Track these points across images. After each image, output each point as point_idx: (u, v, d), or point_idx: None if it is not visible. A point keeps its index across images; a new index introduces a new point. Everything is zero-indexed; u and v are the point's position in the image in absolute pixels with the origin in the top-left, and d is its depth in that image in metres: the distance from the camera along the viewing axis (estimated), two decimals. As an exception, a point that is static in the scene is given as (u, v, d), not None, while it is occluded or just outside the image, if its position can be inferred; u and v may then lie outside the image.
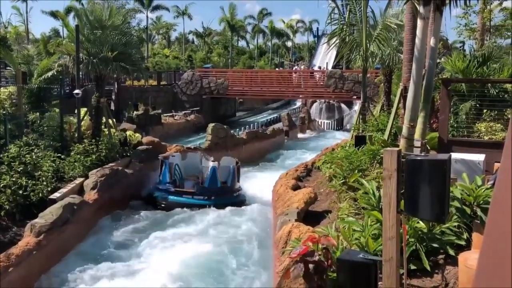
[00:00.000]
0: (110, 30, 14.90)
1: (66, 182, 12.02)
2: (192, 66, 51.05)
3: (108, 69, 14.65)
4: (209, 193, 13.43)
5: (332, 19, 14.01)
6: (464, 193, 5.80)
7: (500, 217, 1.15)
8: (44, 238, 9.06)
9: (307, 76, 37.10)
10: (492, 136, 9.84)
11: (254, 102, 45.71)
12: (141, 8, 52.18)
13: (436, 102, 11.19)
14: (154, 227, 11.78)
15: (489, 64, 11.75)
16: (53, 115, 14.83)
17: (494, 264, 0.90)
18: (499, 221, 1.12)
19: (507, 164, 1.74)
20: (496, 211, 1.22)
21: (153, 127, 26.20)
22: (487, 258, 0.94)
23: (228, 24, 60.92)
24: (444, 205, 3.67)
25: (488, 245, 1.01)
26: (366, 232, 5.50)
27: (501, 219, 1.13)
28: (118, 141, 15.07)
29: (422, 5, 6.85)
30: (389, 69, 16.18)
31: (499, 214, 1.17)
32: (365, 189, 6.57)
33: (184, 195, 13.44)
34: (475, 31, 21.60)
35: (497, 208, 1.26)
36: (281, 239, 7.48)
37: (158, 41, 72.73)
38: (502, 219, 1.13)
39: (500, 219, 1.13)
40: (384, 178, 3.89)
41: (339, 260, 4.33)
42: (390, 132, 10.82)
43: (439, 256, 5.43)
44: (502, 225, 1.09)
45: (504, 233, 1.04)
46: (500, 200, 1.31)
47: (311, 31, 70.27)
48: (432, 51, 7.25)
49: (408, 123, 7.24)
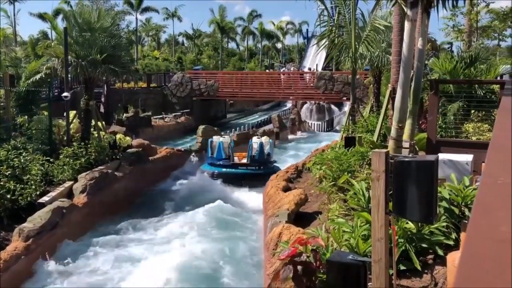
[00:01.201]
0: (99, 32, 14.82)
1: (55, 185, 11.92)
2: (182, 68, 50.91)
3: (97, 72, 14.57)
4: (259, 163, 16.77)
5: (321, 21, 14.09)
6: (452, 193, 5.86)
7: (482, 218, 1.16)
8: (33, 243, 8.98)
9: (297, 78, 37.14)
10: (480, 137, 9.95)
11: (244, 104, 45.68)
12: (130, 10, 51.88)
13: (424, 103, 11.29)
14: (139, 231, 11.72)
15: (476, 65, 11.89)
16: (42, 118, 14.71)
17: (474, 265, 0.91)
18: (481, 221, 1.14)
19: (491, 166, 1.77)
20: (479, 212, 1.24)
21: (143, 129, 26.07)
22: (468, 259, 0.95)
23: (218, 26, 60.88)
24: (432, 206, 3.70)
25: (469, 246, 1.02)
26: (356, 233, 5.53)
27: (483, 219, 1.15)
28: (108, 144, 14.99)
29: (409, 8, 6.91)
30: (378, 71, 16.28)
31: (481, 215, 1.19)
32: (355, 190, 6.60)
33: (240, 167, 16.88)
34: (462, 32, 21.84)
35: (479, 209, 1.27)
36: (271, 241, 7.50)
37: (148, 43, 72.49)
38: (484, 219, 1.15)
39: (482, 219, 1.15)
40: (372, 179, 3.92)
41: (328, 261, 4.35)
42: (379, 133, 10.88)
43: (428, 256, 5.48)
44: (483, 226, 1.11)
45: (486, 234, 1.06)
46: (482, 202, 1.33)
47: (301, 33, 70.41)
48: (419, 53, 7.31)
49: (396, 124, 7.29)
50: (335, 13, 14.34)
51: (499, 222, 1.06)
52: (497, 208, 1.19)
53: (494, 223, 1.08)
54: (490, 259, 0.91)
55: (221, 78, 36.85)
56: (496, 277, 0.84)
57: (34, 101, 15.90)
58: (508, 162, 1.69)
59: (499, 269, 0.86)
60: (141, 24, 62.85)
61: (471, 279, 0.86)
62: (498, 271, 0.85)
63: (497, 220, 1.08)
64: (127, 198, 14.05)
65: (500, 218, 1.08)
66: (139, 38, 60.91)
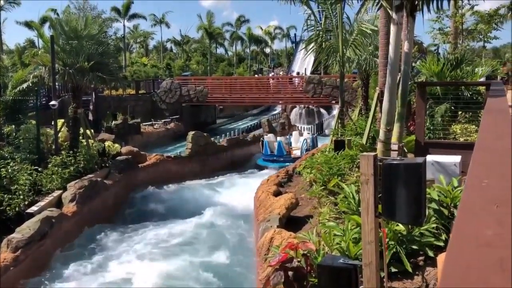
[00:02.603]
0: (86, 40, 14.75)
1: (43, 195, 11.80)
2: (171, 74, 50.79)
3: (85, 79, 14.48)
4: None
5: (308, 25, 14.14)
6: (441, 194, 5.89)
7: (466, 220, 1.17)
8: (22, 253, 8.86)
9: (286, 82, 37.26)
10: (467, 138, 10.04)
11: (234, 109, 45.66)
12: (117, 17, 51.74)
13: (412, 105, 11.38)
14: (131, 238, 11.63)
15: (463, 67, 12.02)
16: (29, 127, 14.56)
17: (458, 268, 0.92)
18: (465, 224, 1.14)
19: (475, 168, 1.78)
20: (463, 214, 1.25)
21: (132, 136, 25.93)
22: (451, 262, 0.95)
23: (206, 32, 60.87)
24: (420, 208, 3.72)
25: (453, 249, 1.03)
26: (347, 237, 5.53)
27: (467, 222, 1.16)
28: (97, 152, 14.88)
29: (394, 11, 6.96)
30: (366, 74, 16.37)
31: (465, 218, 1.20)
32: (345, 194, 6.62)
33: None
34: (448, 34, 22.07)
35: (464, 212, 1.28)
36: (263, 246, 7.47)
37: (136, 49, 72.24)
38: (468, 222, 1.16)
39: (466, 222, 1.16)
40: (361, 183, 3.93)
41: (319, 265, 4.34)
42: (368, 136, 10.93)
43: (419, 258, 5.50)
44: (468, 229, 1.11)
45: (470, 237, 1.06)
46: (467, 204, 1.34)
47: (289, 37, 70.71)
48: (406, 56, 7.36)
49: (384, 127, 7.32)
50: (322, 17, 14.40)
51: (483, 225, 1.07)
52: (481, 211, 1.20)
53: (478, 226, 1.09)
54: (474, 263, 0.91)
55: (210, 84, 36.85)
56: (480, 281, 0.84)
57: (21, 110, 15.76)
58: (493, 163, 1.71)
59: (483, 273, 0.86)
60: (129, 31, 62.66)
61: (455, 282, 0.87)
62: (481, 275, 0.86)
63: (481, 223, 1.09)
64: (116, 206, 13.96)
65: (484, 221, 1.09)
66: (127, 45, 60.64)
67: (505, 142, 2.16)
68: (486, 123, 2.92)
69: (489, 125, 2.57)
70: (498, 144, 2.19)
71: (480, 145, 2.16)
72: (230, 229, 12.17)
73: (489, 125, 2.56)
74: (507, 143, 2.09)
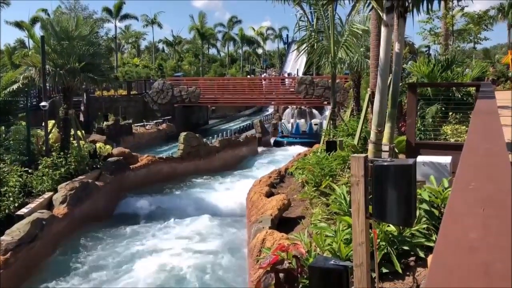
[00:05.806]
0: (77, 41, 14.66)
1: (34, 197, 11.70)
2: (163, 75, 50.62)
3: (76, 80, 14.40)
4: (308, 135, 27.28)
5: (300, 26, 14.15)
6: (432, 195, 5.92)
7: (452, 224, 1.17)
8: (11, 256, 8.78)
9: (278, 83, 37.26)
10: (458, 138, 10.10)
11: (226, 110, 45.62)
12: (109, 18, 51.49)
13: (403, 106, 11.43)
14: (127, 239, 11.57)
15: (453, 68, 12.09)
16: (20, 128, 14.45)
17: (443, 273, 0.92)
18: (450, 228, 1.15)
19: (463, 170, 1.79)
20: (449, 217, 1.26)
21: (124, 137, 25.80)
22: (437, 266, 0.96)
23: (198, 32, 60.76)
24: (411, 209, 3.73)
25: (439, 252, 1.03)
26: (338, 237, 5.54)
27: (453, 226, 1.16)
28: (88, 153, 14.79)
29: (385, 13, 6.99)
30: (358, 75, 16.42)
31: (451, 221, 1.20)
32: (336, 195, 6.63)
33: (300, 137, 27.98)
34: (439, 35, 22.21)
35: (449, 215, 1.29)
36: (255, 247, 7.47)
37: (128, 50, 71.91)
38: (454, 226, 1.16)
39: (451, 226, 1.16)
40: (352, 184, 3.93)
41: (310, 267, 4.34)
42: (359, 136, 10.96)
43: (410, 258, 5.52)
44: (453, 233, 1.12)
45: (455, 241, 1.07)
46: (453, 207, 1.34)
47: (281, 38, 70.80)
48: (397, 57, 7.38)
49: (375, 128, 7.34)
50: (314, 18, 14.43)
51: (468, 229, 1.07)
52: (467, 214, 1.20)
53: (463, 230, 1.09)
54: (457, 267, 0.92)
55: (202, 85, 36.76)
56: (462, 285, 0.84)
57: (12, 111, 15.61)
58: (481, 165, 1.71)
59: (466, 277, 0.87)
60: (121, 31, 62.40)
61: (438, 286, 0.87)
62: (464, 279, 0.86)
63: (467, 227, 1.09)
64: (107, 208, 13.88)
65: (469, 225, 1.09)
66: (119, 46, 60.38)
67: (493, 144, 2.17)
68: (474, 125, 2.94)
69: (477, 127, 2.59)
70: (486, 146, 2.20)
71: (469, 145, 2.17)
72: (222, 229, 12.17)
73: (478, 127, 2.58)
74: (495, 145, 2.10)
